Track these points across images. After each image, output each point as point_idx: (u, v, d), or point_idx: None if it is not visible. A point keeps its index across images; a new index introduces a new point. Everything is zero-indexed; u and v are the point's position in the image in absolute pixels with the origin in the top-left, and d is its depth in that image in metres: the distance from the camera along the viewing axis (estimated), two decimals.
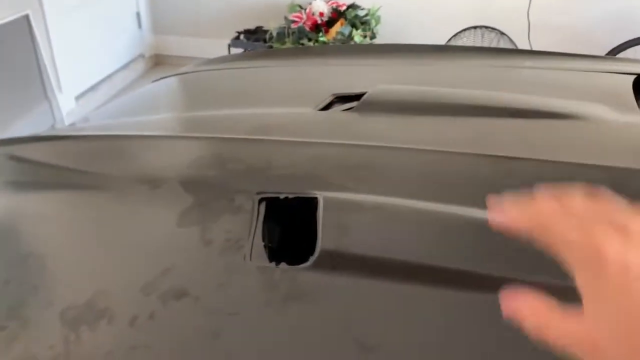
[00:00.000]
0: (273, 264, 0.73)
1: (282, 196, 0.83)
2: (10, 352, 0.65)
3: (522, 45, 3.12)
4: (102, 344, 0.65)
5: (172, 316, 0.67)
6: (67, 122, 2.77)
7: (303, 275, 0.70)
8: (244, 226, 0.79)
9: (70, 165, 1.00)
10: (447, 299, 0.64)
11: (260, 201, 0.83)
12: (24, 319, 0.70)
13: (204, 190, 0.87)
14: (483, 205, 0.74)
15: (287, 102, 1.20)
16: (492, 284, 0.64)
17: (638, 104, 1.05)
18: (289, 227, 0.83)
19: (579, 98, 1.08)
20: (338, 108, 1.15)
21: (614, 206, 0.33)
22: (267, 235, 0.80)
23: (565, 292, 0.32)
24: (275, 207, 0.83)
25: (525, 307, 0.33)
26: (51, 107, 2.71)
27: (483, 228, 0.71)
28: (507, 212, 0.36)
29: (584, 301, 0.31)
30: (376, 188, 0.81)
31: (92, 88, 3.37)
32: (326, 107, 1.15)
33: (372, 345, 0.61)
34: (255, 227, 0.79)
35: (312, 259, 0.71)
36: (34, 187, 0.97)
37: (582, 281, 0.31)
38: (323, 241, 0.72)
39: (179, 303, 0.69)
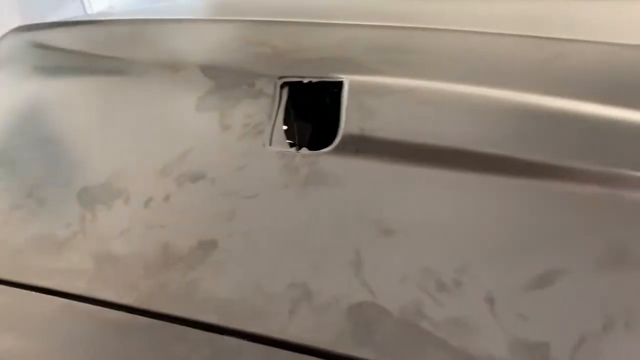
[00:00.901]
0: (294, 149, 0.69)
1: (305, 80, 0.78)
2: (27, 230, 0.65)
3: None
4: (118, 223, 0.64)
5: (187, 198, 0.65)
6: None
7: (324, 159, 0.66)
8: (265, 111, 0.75)
9: (92, 50, 0.96)
10: (471, 183, 0.60)
11: (282, 85, 0.78)
12: (40, 198, 0.69)
13: (224, 74, 0.82)
14: (521, 88, 0.68)
15: None
16: (518, 167, 0.60)
17: None
18: (313, 113, 0.79)
19: None
20: None
21: None
22: (289, 120, 0.76)
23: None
24: (299, 92, 0.78)
25: None
26: (82, 4, 2.66)
27: (516, 110, 0.66)
28: None
29: None
30: (408, 71, 0.74)
31: None
32: None
33: (391, 229, 0.57)
34: (277, 112, 0.75)
35: (334, 143, 0.67)
36: (57, 72, 0.95)
37: None
38: (346, 125, 0.68)
39: (194, 185, 0.66)
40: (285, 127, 0.74)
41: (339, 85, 0.74)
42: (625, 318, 0.48)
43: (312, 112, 0.79)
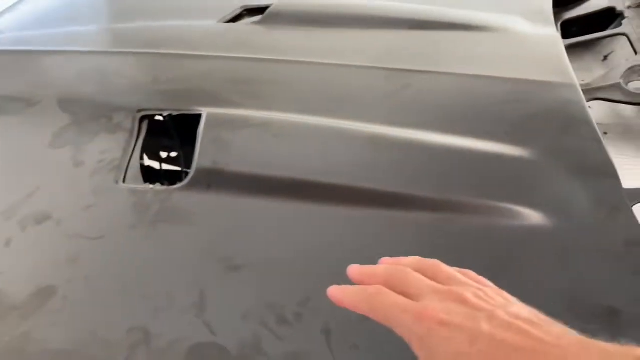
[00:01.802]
0: (147, 185, 0.68)
1: (165, 114, 0.77)
2: None
3: None
4: None
5: (30, 241, 0.62)
6: None
7: (176, 195, 0.65)
8: (122, 145, 0.73)
9: None
10: (319, 214, 0.61)
11: (141, 119, 0.77)
12: None
13: (82, 107, 0.80)
14: (368, 119, 0.70)
15: (192, 14, 1.11)
16: (363, 197, 0.62)
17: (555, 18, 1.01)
18: (171, 148, 0.78)
19: (497, 10, 1.03)
20: (246, 21, 1.07)
21: (442, 271, 0.36)
22: (145, 156, 0.74)
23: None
24: (157, 126, 0.77)
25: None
26: None
27: (370, 143, 0.68)
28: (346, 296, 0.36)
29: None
30: (263, 103, 0.75)
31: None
32: (234, 20, 1.06)
33: (238, 264, 0.57)
34: (135, 146, 0.73)
35: (187, 178, 0.66)
36: None
37: (414, 345, 0.32)
38: (200, 159, 0.67)
39: (39, 227, 0.63)
40: (141, 163, 0.72)
41: (197, 117, 0.74)
42: None
43: (170, 147, 0.78)
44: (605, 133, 0.88)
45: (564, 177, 0.63)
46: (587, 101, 0.80)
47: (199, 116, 0.74)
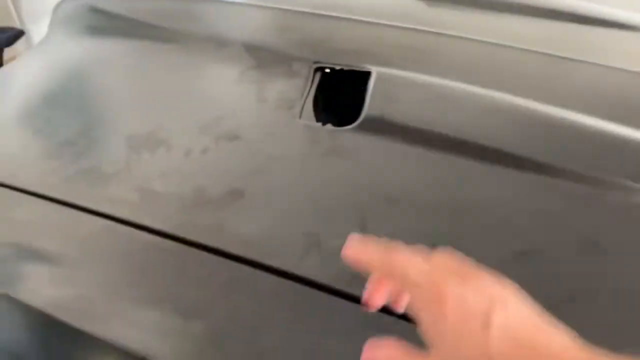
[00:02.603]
0: (320, 124, 0.78)
1: (337, 67, 0.87)
2: (78, 163, 0.74)
3: None
4: (159, 167, 0.72)
5: (222, 153, 0.74)
6: None
7: (346, 135, 0.74)
8: (298, 90, 0.83)
9: (144, 19, 1.05)
10: (472, 170, 0.68)
11: (316, 70, 0.87)
12: (92, 139, 0.78)
13: (265, 55, 0.91)
14: (529, 96, 0.76)
15: None
16: (513, 163, 0.68)
17: None
18: (341, 97, 0.87)
19: None
20: None
21: (462, 263, 0.35)
22: (318, 102, 0.84)
23: None
24: (330, 78, 0.87)
25: (382, 356, 0.36)
26: None
27: (523, 116, 0.74)
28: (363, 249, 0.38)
29: (428, 344, 0.33)
30: (430, 70, 0.83)
31: None
32: None
33: (396, 198, 0.66)
34: (309, 91, 0.83)
35: (356, 122, 0.76)
36: (108, 34, 1.04)
37: (425, 324, 0.33)
38: (369, 108, 0.76)
39: (230, 144, 0.75)
40: (314, 107, 0.82)
41: (367, 74, 0.83)
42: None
43: (340, 96, 0.87)
44: None
45: None
46: None
47: (368, 73, 0.82)
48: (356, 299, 0.55)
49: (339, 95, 0.87)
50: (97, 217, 0.66)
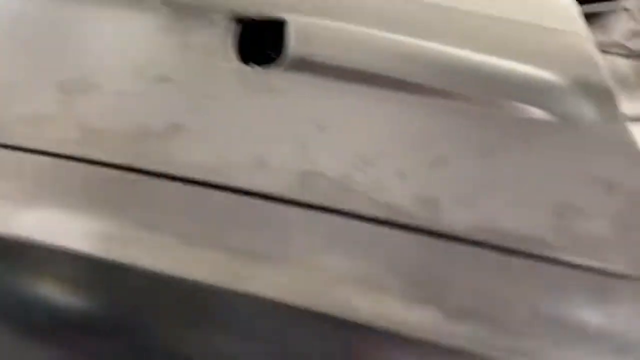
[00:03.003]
0: (246, 65, 0.84)
1: (256, 17, 0.93)
2: (13, 108, 0.74)
3: None
4: (95, 108, 0.74)
5: (157, 93, 0.77)
6: None
7: (273, 73, 0.81)
8: (219, 39, 0.88)
9: None
10: (388, 98, 0.79)
11: (234, 20, 0.92)
12: (22, 86, 0.78)
13: (182, 8, 0.95)
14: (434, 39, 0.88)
15: None
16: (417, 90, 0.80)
17: None
18: (261, 46, 0.93)
19: None
20: None
21: None
22: (240, 50, 0.90)
23: None
24: (249, 28, 0.93)
25: None
26: None
27: (425, 53, 0.85)
28: None
29: None
30: (342, 18, 0.92)
31: None
32: None
33: (326, 126, 0.74)
34: (230, 40, 0.89)
35: (280, 62, 0.83)
36: None
37: None
38: (291, 49, 0.84)
39: (163, 85, 0.79)
40: (237, 52, 0.88)
41: (285, 23, 0.90)
42: None
43: (260, 45, 0.93)
44: None
45: (569, 90, 0.82)
46: None
47: (285, 21, 0.90)
48: (309, 206, 0.63)
49: (259, 44, 0.93)
50: (43, 156, 0.67)
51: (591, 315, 0.57)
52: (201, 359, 0.58)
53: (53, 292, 0.60)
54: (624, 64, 1.03)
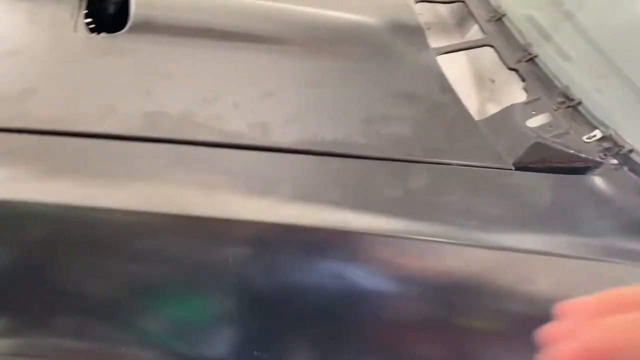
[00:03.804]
0: (95, 34, 0.92)
1: None
2: None
3: None
4: None
5: (8, 64, 0.83)
6: None
7: (119, 37, 0.90)
8: (67, 12, 0.95)
9: None
10: (225, 49, 0.89)
11: None
12: None
13: None
14: None
15: None
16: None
17: None
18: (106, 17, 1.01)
19: None
20: None
21: None
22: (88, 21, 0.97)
23: None
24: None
25: None
26: None
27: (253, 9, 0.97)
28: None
29: None
30: None
31: None
32: None
33: (169, 75, 0.84)
34: (78, 13, 0.96)
35: (126, 27, 0.91)
36: None
37: None
38: (135, 14, 0.92)
39: (14, 57, 0.85)
40: (86, 21, 0.95)
41: None
42: None
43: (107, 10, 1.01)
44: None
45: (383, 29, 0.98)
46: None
47: None
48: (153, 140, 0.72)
49: (106, 14, 1.01)
50: None
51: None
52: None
53: None
54: (442, 9, 1.20)
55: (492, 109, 0.91)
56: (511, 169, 0.77)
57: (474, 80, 1.03)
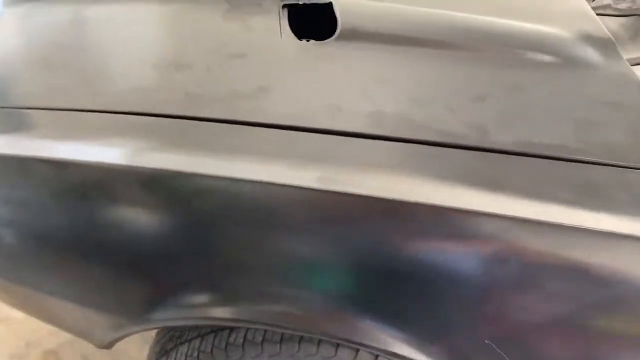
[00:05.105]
0: (304, 40, 1.00)
1: (301, 2, 1.09)
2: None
3: None
4: (188, 80, 0.90)
5: (235, 66, 0.93)
6: None
7: (328, 44, 0.97)
8: (274, 21, 1.04)
9: None
10: (430, 56, 0.95)
11: (283, 6, 1.08)
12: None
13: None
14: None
15: None
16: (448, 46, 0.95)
17: None
18: (309, 29, 1.09)
19: None
20: None
21: None
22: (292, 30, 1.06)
23: None
24: (297, 11, 1.09)
25: None
26: None
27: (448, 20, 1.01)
28: None
29: None
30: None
31: None
32: None
33: (380, 80, 0.90)
34: (282, 22, 1.05)
35: (335, 34, 0.99)
36: None
37: None
38: (342, 23, 0.99)
39: (240, 59, 0.94)
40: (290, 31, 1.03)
41: (329, 5, 1.06)
42: None
43: (308, 25, 1.09)
44: None
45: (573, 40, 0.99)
46: None
47: (330, 3, 1.06)
48: (378, 137, 0.78)
49: (307, 27, 1.09)
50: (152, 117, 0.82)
51: None
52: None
53: None
54: (612, 22, 1.19)
55: None
56: None
57: None
